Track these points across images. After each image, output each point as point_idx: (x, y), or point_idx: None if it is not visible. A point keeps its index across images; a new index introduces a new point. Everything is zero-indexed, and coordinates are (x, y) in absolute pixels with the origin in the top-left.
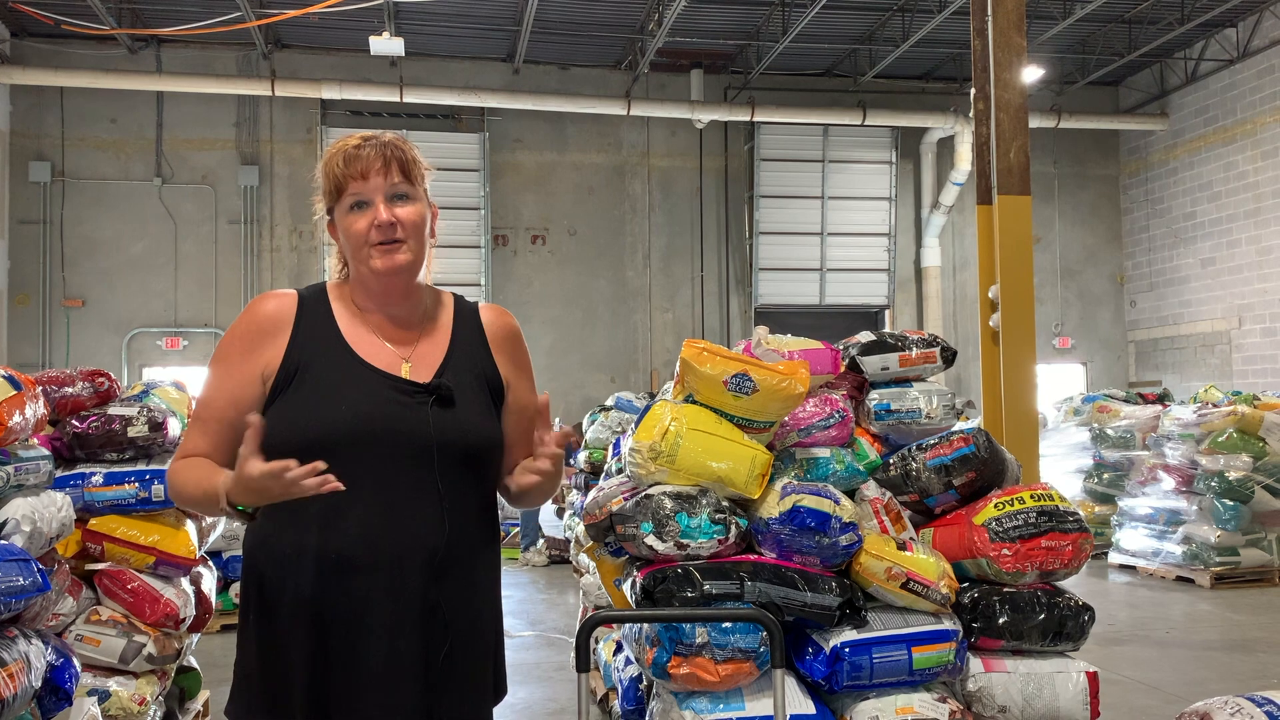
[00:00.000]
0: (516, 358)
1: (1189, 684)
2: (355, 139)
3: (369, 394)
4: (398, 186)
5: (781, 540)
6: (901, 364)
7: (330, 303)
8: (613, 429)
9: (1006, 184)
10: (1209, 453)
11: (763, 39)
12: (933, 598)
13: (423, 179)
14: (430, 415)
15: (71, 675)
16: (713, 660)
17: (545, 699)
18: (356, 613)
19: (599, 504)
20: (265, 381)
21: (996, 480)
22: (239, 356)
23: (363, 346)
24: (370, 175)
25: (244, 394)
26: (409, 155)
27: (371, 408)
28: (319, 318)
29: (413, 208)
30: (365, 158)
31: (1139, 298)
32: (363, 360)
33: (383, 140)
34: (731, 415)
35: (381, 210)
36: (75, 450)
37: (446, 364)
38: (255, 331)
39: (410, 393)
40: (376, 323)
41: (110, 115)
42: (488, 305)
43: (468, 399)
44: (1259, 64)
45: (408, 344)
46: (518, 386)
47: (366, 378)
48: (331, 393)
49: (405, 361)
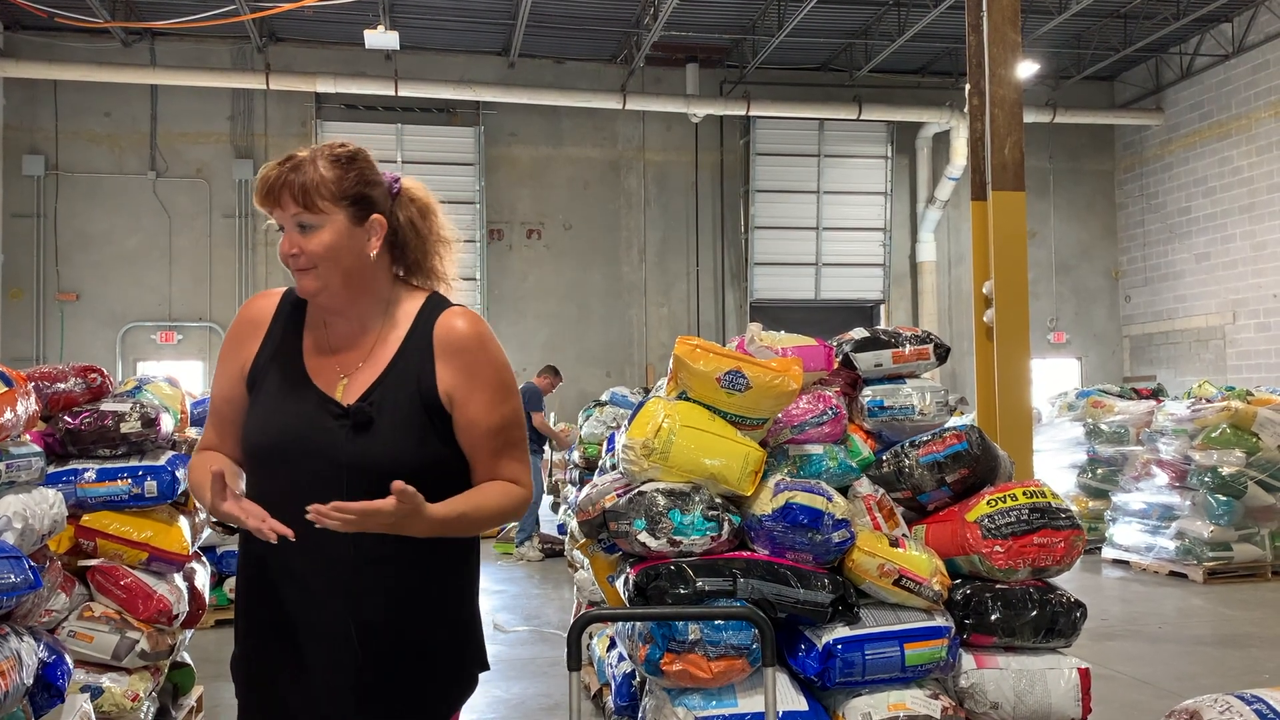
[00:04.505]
0: (470, 370)
1: (1180, 679)
2: (275, 165)
3: (299, 413)
4: (299, 216)
5: (774, 537)
6: (895, 360)
7: (305, 310)
8: (607, 424)
9: (1001, 180)
10: (1202, 448)
11: (758, 33)
12: (925, 594)
13: (340, 197)
14: (343, 438)
15: (64, 672)
16: (705, 657)
17: (539, 694)
18: (283, 623)
19: (592, 501)
20: (245, 381)
21: (989, 477)
22: (229, 355)
23: (312, 362)
24: (277, 205)
25: (234, 391)
26: (314, 180)
27: (295, 425)
28: (291, 325)
29: (317, 236)
30: (276, 184)
31: (1134, 293)
32: (307, 376)
33: (296, 163)
34: (725, 412)
35: (284, 240)
36: (68, 446)
37: (379, 384)
38: (239, 332)
39: (334, 414)
40: (333, 334)
41: (104, 109)
42: (452, 311)
43: (393, 420)
44: (1254, 59)
45: (353, 360)
46: (467, 401)
47: (303, 395)
48: (272, 406)
49: (342, 380)
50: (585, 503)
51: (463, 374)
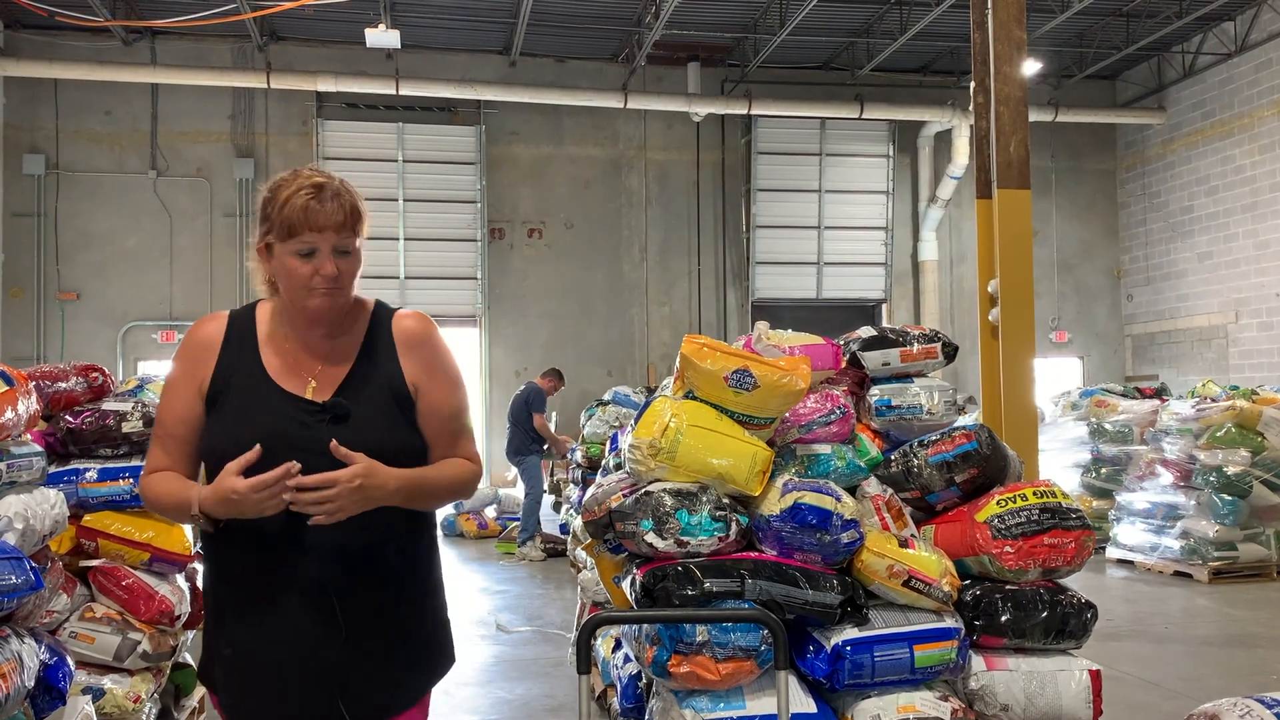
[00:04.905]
0: (429, 361)
1: (1187, 680)
2: (308, 183)
3: (274, 414)
4: (344, 242)
5: (783, 537)
6: (903, 359)
7: (256, 324)
8: (610, 423)
9: (1006, 178)
10: (1207, 447)
11: (760, 32)
12: (935, 595)
13: (362, 226)
14: (324, 432)
15: (65, 674)
16: (713, 659)
17: (543, 695)
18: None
19: (598, 501)
20: (203, 399)
21: (999, 477)
22: (182, 378)
23: (276, 368)
24: (326, 229)
25: (189, 413)
26: (358, 209)
27: (274, 426)
28: (244, 340)
29: (351, 260)
30: (326, 212)
31: (1135, 292)
32: (274, 382)
33: (335, 190)
34: (732, 411)
35: (328, 264)
36: (69, 446)
37: (348, 381)
38: (191, 356)
39: (311, 412)
40: (293, 344)
41: (105, 108)
42: (403, 313)
43: (367, 412)
44: (1257, 58)
45: (317, 364)
46: (429, 390)
47: (275, 398)
48: (245, 413)
49: (311, 381)
50: (591, 503)
51: (423, 365)
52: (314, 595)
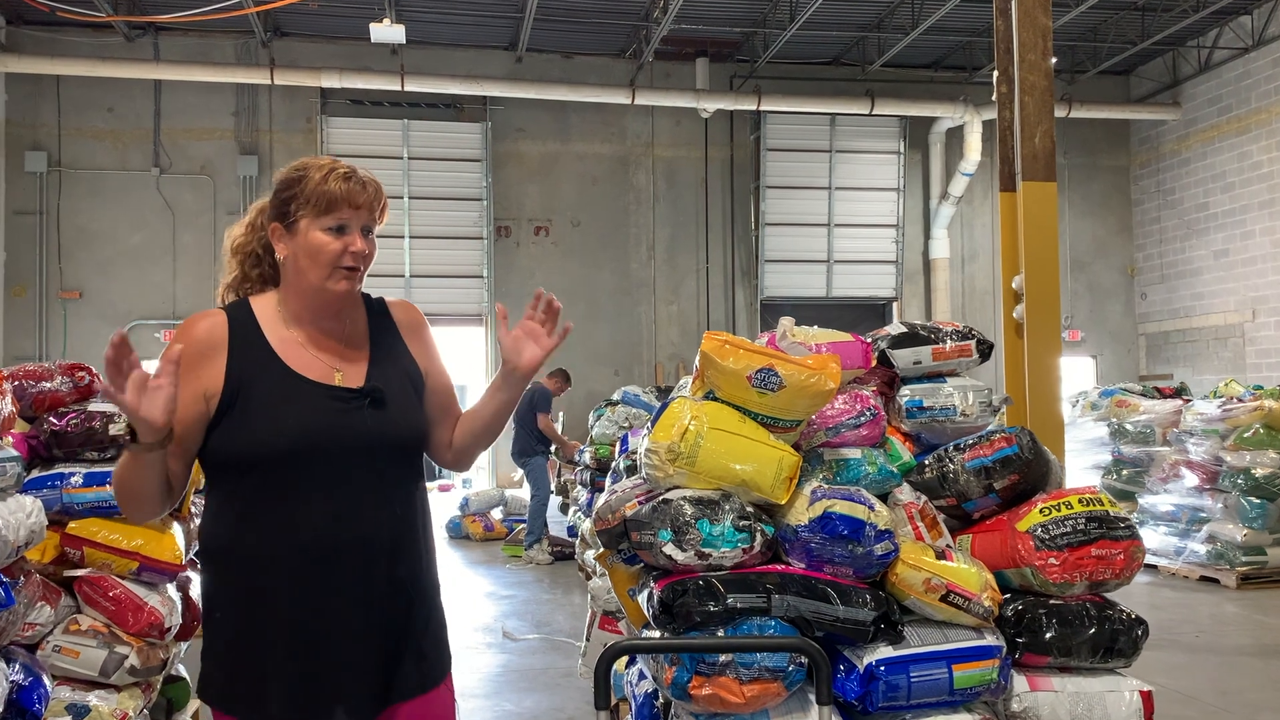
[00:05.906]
0: (428, 343)
1: (1226, 694)
2: (341, 167)
3: (310, 406)
4: (371, 223)
5: (811, 549)
6: (935, 357)
7: (257, 320)
8: (620, 424)
9: (1031, 170)
10: (1234, 449)
11: (769, 26)
12: (975, 611)
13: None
14: (368, 417)
15: (41, 696)
16: (737, 680)
17: (552, 708)
18: (329, 599)
19: (611, 508)
20: (209, 400)
21: (1040, 484)
22: (183, 378)
23: (296, 361)
24: (361, 207)
25: (186, 414)
26: (383, 195)
27: (314, 419)
28: (251, 336)
29: (371, 242)
30: (367, 191)
31: (1150, 290)
32: (298, 375)
33: (363, 177)
34: (756, 413)
35: (359, 241)
36: (53, 449)
37: (372, 367)
38: (192, 354)
39: (346, 399)
40: (304, 336)
41: (107, 104)
42: (394, 302)
43: (396, 396)
44: (1274, 52)
45: (335, 353)
46: (432, 370)
47: (305, 391)
48: (276, 409)
49: (337, 370)
50: (604, 510)
51: (424, 347)
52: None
